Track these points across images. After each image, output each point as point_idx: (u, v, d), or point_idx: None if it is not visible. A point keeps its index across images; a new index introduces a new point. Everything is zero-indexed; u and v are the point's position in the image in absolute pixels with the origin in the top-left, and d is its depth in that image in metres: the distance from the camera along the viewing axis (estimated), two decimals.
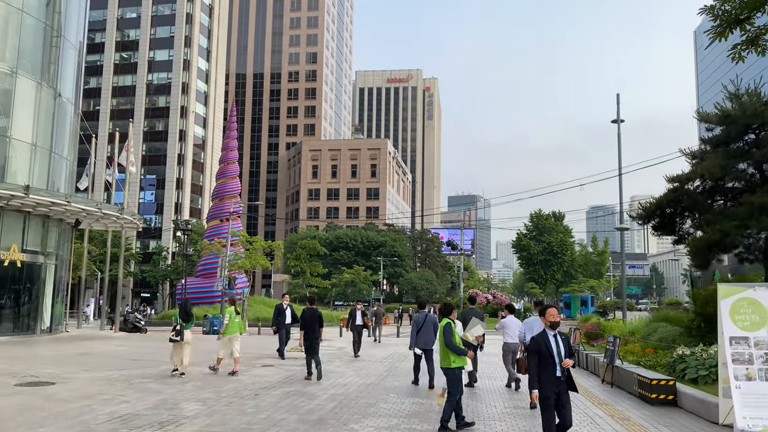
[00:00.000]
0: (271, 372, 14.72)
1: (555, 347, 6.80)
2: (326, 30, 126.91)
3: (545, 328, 7.02)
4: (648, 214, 16.02)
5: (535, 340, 6.90)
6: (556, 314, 7.03)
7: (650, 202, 16.01)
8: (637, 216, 16.51)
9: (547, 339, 6.83)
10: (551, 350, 6.77)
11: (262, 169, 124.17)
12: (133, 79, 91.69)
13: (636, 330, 21.19)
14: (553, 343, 6.82)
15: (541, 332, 6.98)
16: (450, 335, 8.81)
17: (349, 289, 68.50)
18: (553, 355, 6.76)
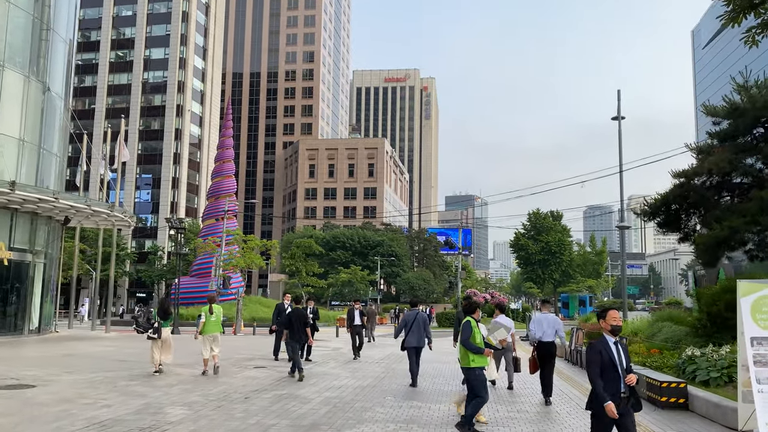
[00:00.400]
0: (263, 374, 14.16)
1: (617, 357, 5.67)
2: (323, 29, 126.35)
3: (604, 333, 5.91)
4: (653, 211, 15.50)
5: (595, 348, 5.76)
6: (618, 317, 5.95)
7: (655, 198, 15.48)
8: (642, 212, 15.99)
9: (608, 346, 5.72)
10: (614, 360, 5.62)
11: (259, 169, 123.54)
12: (128, 77, 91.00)
13: (639, 330, 20.68)
14: (615, 352, 5.70)
15: (600, 339, 5.89)
16: (469, 333, 8.47)
17: (346, 289, 67.95)
18: (616, 365, 5.61)
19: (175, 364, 15.62)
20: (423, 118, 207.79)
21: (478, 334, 8.60)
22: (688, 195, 14.65)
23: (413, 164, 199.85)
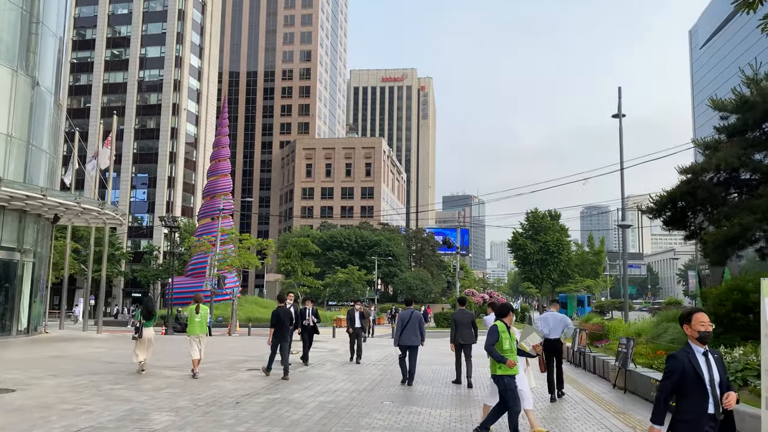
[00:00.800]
0: (256, 377, 13.62)
1: (707, 371, 4.56)
2: (320, 28, 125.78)
3: (690, 341, 4.77)
4: (659, 208, 15.01)
5: (677, 358, 4.66)
6: (707, 322, 4.75)
7: (661, 195, 14.98)
8: (647, 210, 15.49)
9: (694, 357, 4.61)
10: (701, 374, 4.53)
11: (256, 168, 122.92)
12: (124, 76, 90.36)
13: (642, 331, 20.20)
14: (703, 365, 4.57)
15: (684, 347, 4.81)
16: (494, 339, 7.73)
17: (343, 289, 67.44)
18: (704, 381, 4.51)
19: (165, 366, 15.09)
20: (420, 118, 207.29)
21: (507, 339, 7.75)
22: (695, 192, 14.16)
23: (410, 164, 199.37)
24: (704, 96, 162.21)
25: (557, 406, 10.81)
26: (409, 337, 12.53)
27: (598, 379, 14.21)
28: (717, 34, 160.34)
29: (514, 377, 7.71)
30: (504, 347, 7.69)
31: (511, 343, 7.78)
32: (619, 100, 30.19)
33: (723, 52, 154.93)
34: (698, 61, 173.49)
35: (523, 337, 8.75)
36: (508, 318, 8.04)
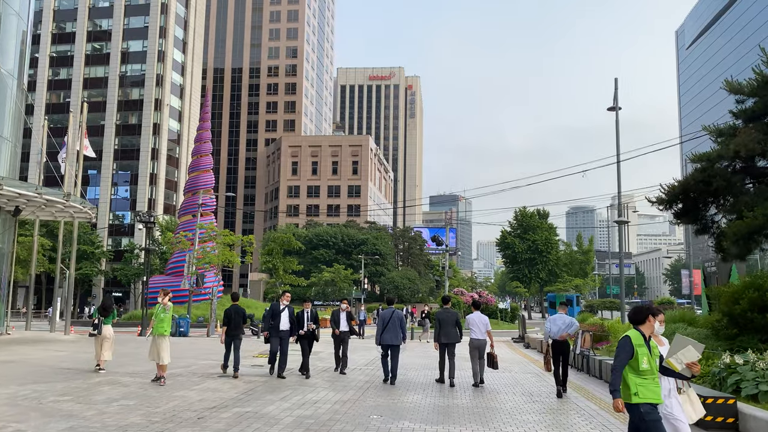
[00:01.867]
0: (227, 386, 12.14)
1: None
2: (307, 24, 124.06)
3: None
4: (670, 198, 13.73)
5: None
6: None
7: (672, 185, 13.70)
8: (658, 201, 14.21)
9: None
10: None
11: (240, 166, 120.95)
12: (105, 70, 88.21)
13: None
14: None
15: None
16: (626, 355, 5.48)
17: (329, 288, 65.97)
18: None
19: (127, 372, 13.56)
20: (408, 117, 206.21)
21: (646, 356, 5.47)
22: (710, 181, 12.89)
23: (398, 163, 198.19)
24: (691, 96, 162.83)
25: (568, 417, 9.46)
26: (391, 336, 12.74)
27: (604, 385, 12.89)
28: (703, 35, 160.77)
29: (656, 406, 5.48)
30: (641, 367, 5.43)
31: (651, 362, 5.49)
32: (615, 91, 29.11)
33: (709, 53, 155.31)
34: (685, 62, 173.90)
35: (673, 351, 6.19)
36: (646, 325, 5.69)
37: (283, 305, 13.59)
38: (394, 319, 12.86)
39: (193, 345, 22.63)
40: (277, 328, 13.52)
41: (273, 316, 13.84)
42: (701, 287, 23.37)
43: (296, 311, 14.03)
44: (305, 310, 13.85)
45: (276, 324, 13.62)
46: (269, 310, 14.13)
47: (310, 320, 13.68)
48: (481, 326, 12.86)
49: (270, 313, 13.86)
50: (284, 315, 13.81)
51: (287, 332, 13.58)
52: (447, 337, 12.60)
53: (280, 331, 13.45)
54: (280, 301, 13.87)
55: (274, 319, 13.72)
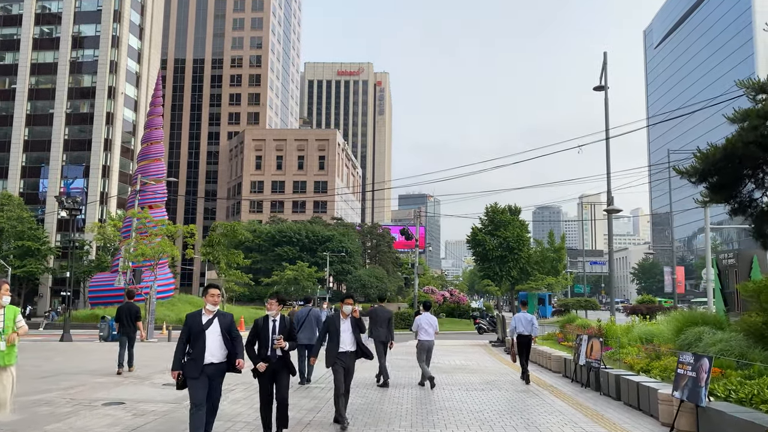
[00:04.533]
0: (109, 419, 8.71)
1: None
2: (272, 14, 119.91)
3: None
4: (706, 168, 10.77)
5: None
6: None
7: (712, 149, 10.75)
8: (688, 172, 11.29)
9: None
10: None
11: (202, 160, 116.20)
12: (55, 55, 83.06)
13: (655, 335, 16.10)
14: None
15: None
16: None
17: (291, 287, 62.49)
18: None
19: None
20: (376, 114, 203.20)
21: None
22: (765, 142, 9.92)
23: (366, 161, 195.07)
24: (659, 94, 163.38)
25: None
26: (306, 336, 12.62)
27: (635, 413, 9.83)
28: (671, 35, 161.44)
29: None
30: None
31: None
32: (604, 67, 26.45)
33: (677, 52, 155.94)
34: (653, 61, 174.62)
35: None
36: None
37: (272, 315, 7.54)
38: (310, 317, 12.81)
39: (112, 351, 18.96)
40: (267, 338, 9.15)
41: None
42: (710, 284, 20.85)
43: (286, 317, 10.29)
44: (271, 319, 7.65)
45: (265, 335, 9.30)
46: (254, 324, 9.91)
47: (279, 335, 7.56)
48: (429, 328, 12.99)
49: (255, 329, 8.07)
50: (273, 325, 9.75)
51: None
52: (377, 336, 12.59)
53: None
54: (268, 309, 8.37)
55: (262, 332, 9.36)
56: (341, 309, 8.68)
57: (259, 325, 7.63)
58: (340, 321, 8.64)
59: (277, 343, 7.41)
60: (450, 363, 17.74)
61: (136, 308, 14.22)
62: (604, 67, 26.55)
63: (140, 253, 25.39)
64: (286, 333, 7.62)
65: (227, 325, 6.95)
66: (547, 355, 16.23)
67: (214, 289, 7.07)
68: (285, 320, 7.75)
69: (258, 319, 7.73)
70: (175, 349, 6.86)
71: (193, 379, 6.67)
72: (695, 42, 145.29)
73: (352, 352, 8.57)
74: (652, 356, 12.93)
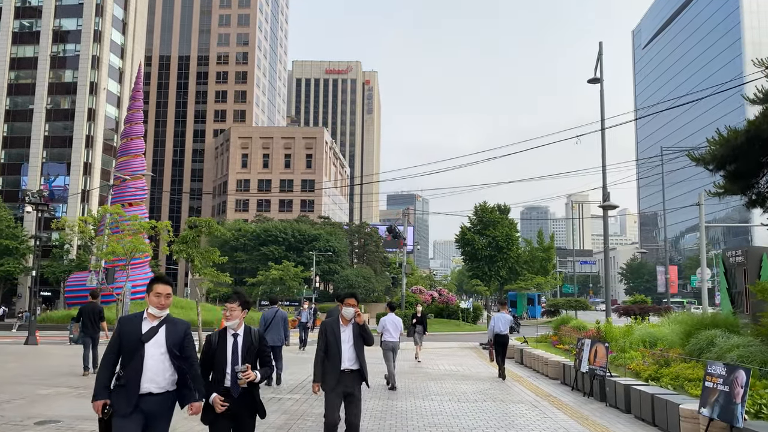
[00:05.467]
0: None
1: None
2: (259, 10, 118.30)
3: None
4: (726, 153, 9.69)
5: None
6: None
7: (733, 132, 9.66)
8: (708, 157, 10.21)
9: None
10: None
11: (187, 158, 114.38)
12: (35, 50, 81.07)
13: (658, 339, 15.03)
14: None
15: None
16: None
17: (277, 287, 61.05)
18: None
19: None
20: (365, 113, 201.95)
21: None
22: None
23: (354, 160, 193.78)
24: (647, 95, 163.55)
25: None
26: (273, 337, 12.46)
27: (643, 427, 8.71)
28: (659, 35, 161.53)
29: None
30: None
31: None
32: (599, 58, 25.47)
33: (665, 53, 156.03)
34: (641, 61, 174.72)
35: None
36: None
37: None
38: (277, 319, 12.66)
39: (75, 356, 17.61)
40: None
41: None
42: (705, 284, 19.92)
43: None
44: (230, 331, 5.23)
45: None
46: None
47: (245, 355, 5.14)
48: (394, 330, 12.99)
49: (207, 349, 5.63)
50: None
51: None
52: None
53: None
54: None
55: None
56: (341, 312, 6.58)
57: (213, 344, 5.13)
58: (340, 328, 6.49)
59: (242, 377, 4.85)
60: (439, 368, 16.60)
61: (100, 308, 14.15)
62: (599, 58, 25.61)
63: (111, 251, 24.08)
64: (254, 356, 5.08)
65: (178, 338, 4.71)
66: (543, 361, 15.10)
67: (162, 285, 4.85)
68: (253, 335, 5.16)
69: (211, 334, 5.26)
70: (98, 369, 4.75)
71: (121, 418, 4.47)
72: (683, 42, 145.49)
73: (354, 371, 6.42)
74: (660, 362, 11.85)
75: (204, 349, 5.17)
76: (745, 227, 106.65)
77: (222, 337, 5.12)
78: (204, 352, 5.15)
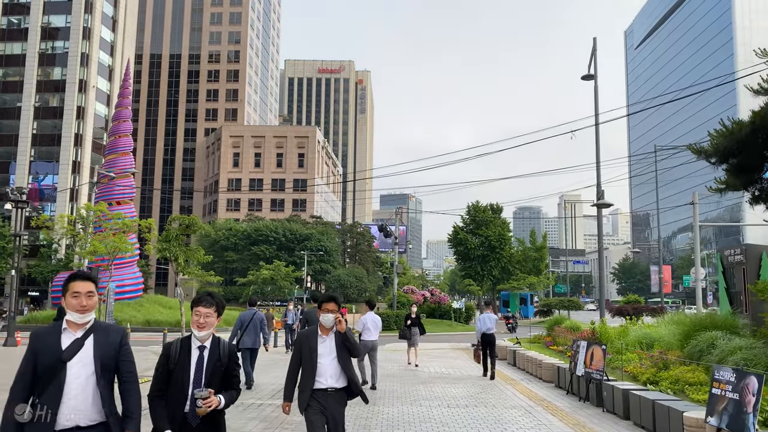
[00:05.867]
0: None
1: None
2: (251, 9, 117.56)
3: None
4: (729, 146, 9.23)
5: None
6: None
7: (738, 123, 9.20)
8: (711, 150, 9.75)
9: None
10: None
11: (178, 157, 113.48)
12: (23, 47, 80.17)
13: (654, 340, 14.58)
14: None
15: None
16: None
17: (268, 287, 60.48)
18: None
19: None
20: (358, 112, 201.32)
21: None
22: None
23: (347, 160, 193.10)
24: (639, 95, 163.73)
25: None
26: (250, 339, 12.30)
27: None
28: (652, 35, 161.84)
29: None
30: None
31: None
32: (593, 54, 25.05)
33: (657, 53, 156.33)
34: (633, 61, 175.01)
35: None
36: None
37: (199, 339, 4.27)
38: (254, 321, 12.41)
39: None
40: None
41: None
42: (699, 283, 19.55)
43: None
44: (196, 341, 4.14)
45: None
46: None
47: (210, 375, 4.08)
48: (374, 328, 12.88)
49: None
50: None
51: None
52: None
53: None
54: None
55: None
56: (319, 319, 5.35)
57: (172, 356, 4.07)
58: (318, 339, 5.29)
59: (203, 405, 3.88)
60: (430, 370, 16.10)
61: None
62: (593, 53, 25.20)
63: (93, 250, 23.41)
64: (219, 376, 4.06)
65: (110, 351, 3.67)
66: (537, 363, 14.61)
67: (81, 282, 3.74)
68: (222, 349, 4.13)
69: (171, 344, 4.15)
70: (6, 401, 3.52)
71: None
72: (676, 42, 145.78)
73: (337, 390, 5.21)
74: (659, 365, 11.39)
75: (160, 362, 4.09)
76: (737, 227, 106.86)
77: (185, 349, 4.07)
78: (160, 365, 4.08)
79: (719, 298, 16.45)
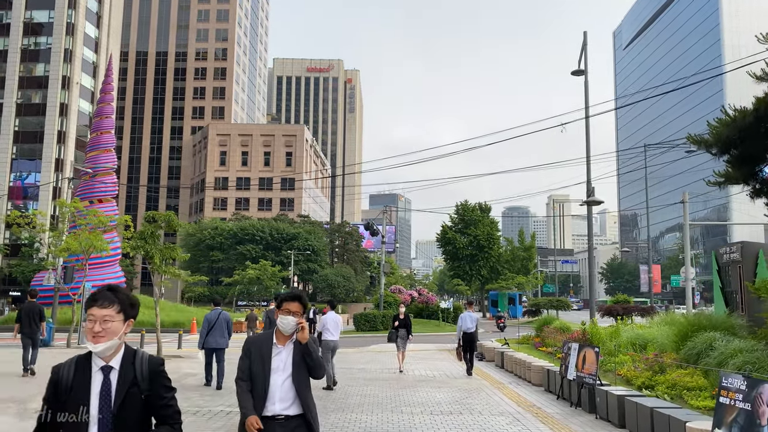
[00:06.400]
0: None
1: None
2: (239, 6, 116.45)
3: None
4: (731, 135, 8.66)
5: None
6: None
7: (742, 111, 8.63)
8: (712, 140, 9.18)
9: None
10: None
11: (164, 155, 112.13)
12: (5, 42, 78.80)
13: (648, 341, 14.02)
14: None
15: None
16: None
17: (254, 287, 59.66)
18: None
19: None
20: (347, 112, 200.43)
21: None
22: None
23: (336, 159, 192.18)
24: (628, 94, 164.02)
25: None
26: (216, 339, 12.29)
27: None
28: (640, 36, 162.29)
29: None
30: None
31: None
32: (584, 48, 24.52)
33: (646, 53, 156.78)
34: (622, 62, 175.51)
35: None
36: None
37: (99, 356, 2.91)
38: (220, 320, 12.42)
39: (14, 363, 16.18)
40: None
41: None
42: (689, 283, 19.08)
43: None
44: (97, 362, 2.82)
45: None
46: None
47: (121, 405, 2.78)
48: (334, 328, 12.72)
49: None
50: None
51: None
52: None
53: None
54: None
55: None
56: (277, 323, 4.09)
57: (64, 383, 2.76)
58: (272, 349, 4.01)
59: None
60: (414, 373, 15.44)
61: (39, 308, 13.88)
62: (584, 48, 24.67)
63: (66, 248, 22.56)
64: (139, 408, 2.78)
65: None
66: (526, 365, 13.99)
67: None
68: (139, 366, 2.82)
69: (61, 365, 2.82)
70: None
71: None
72: (664, 43, 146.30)
73: (288, 418, 3.89)
74: (654, 368, 10.81)
75: (48, 391, 2.81)
76: (723, 227, 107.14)
77: (81, 371, 2.78)
78: (47, 397, 2.81)
79: (714, 297, 15.94)
